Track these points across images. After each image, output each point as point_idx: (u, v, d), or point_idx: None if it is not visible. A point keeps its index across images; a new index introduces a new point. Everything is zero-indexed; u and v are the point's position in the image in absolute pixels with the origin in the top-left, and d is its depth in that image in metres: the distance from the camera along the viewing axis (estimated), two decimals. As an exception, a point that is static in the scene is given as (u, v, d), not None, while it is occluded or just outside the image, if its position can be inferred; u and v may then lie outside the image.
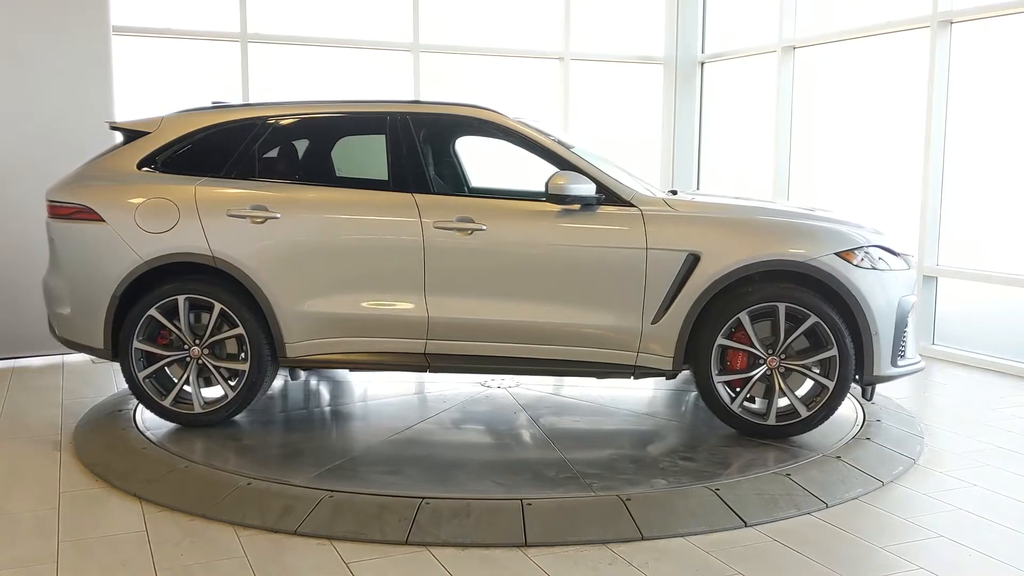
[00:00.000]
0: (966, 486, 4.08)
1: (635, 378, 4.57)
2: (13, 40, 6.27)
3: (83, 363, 6.49)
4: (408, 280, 4.56)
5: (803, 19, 8.08)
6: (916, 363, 4.69)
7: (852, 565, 3.31)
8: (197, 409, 4.71)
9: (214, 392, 4.78)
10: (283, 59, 7.98)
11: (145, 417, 4.89)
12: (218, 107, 5.00)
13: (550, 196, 4.43)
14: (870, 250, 4.46)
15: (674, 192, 5.18)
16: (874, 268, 4.42)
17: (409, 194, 4.61)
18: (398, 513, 3.60)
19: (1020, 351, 6.32)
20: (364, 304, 4.60)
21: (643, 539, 3.49)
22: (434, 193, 4.68)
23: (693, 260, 4.40)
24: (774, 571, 3.26)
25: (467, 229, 4.52)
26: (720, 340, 4.42)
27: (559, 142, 4.79)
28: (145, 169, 4.83)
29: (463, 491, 3.83)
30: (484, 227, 4.51)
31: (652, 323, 4.46)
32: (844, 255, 4.39)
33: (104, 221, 4.70)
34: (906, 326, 4.53)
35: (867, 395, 4.62)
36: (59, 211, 4.84)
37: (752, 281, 4.42)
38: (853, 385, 4.49)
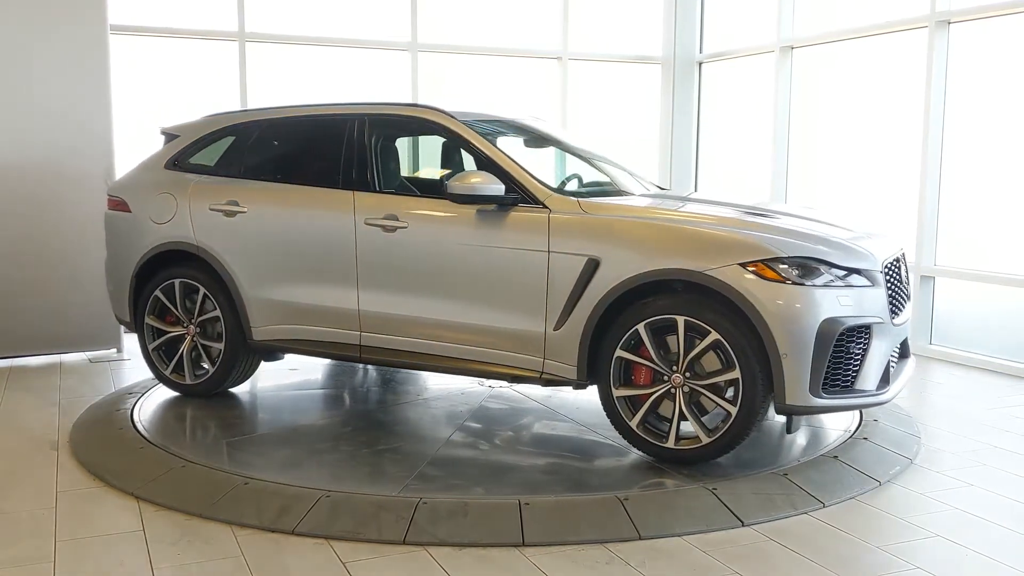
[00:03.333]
0: (963, 486, 4.09)
1: (543, 385, 4.42)
2: (10, 39, 6.26)
3: (81, 363, 6.49)
4: (344, 274, 4.80)
5: (801, 19, 8.08)
6: (867, 396, 4.09)
7: (849, 564, 3.31)
8: (188, 380, 5.29)
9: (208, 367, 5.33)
10: (281, 59, 7.98)
11: (143, 416, 4.90)
12: (224, 113, 5.56)
13: (449, 196, 4.43)
14: (788, 261, 3.92)
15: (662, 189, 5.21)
16: (788, 281, 3.88)
17: (351, 192, 4.83)
18: (395, 513, 3.60)
19: (1018, 351, 6.33)
20: (310, 294, 4.90)
21: (640, 539, 3.49)
22: (375, 191, 4.83)
23: (594, 266, 4.16)
24: (771, 570, 3.26)
25: (391, 227, 4.65)
26: (619, 352, 4.12)
27: (546, 137, 4.85)
28: (170, 169, 5.47)
29: (306, 480, 3.97)
30: (406, 225, 4.62)
31: (555, 329, 4.27)
32: (750, 266, 3.91)
33: (131, 212, 5.44)
34: (846, 352, 3.98)
35: (788, 427, 4.24)
36: (110, 203, 5.63)
37: (657, 291, 4.10)
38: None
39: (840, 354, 3.97)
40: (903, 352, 4.65)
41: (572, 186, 5.11)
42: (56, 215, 6.44)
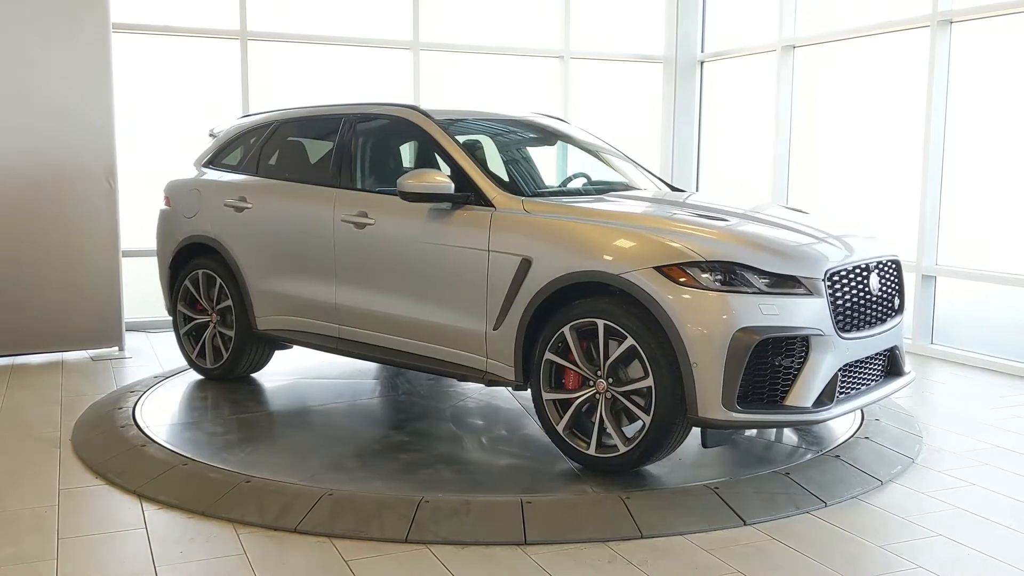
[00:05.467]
0: (965, 485, 4.09)
1: (487, 385, 4.41)
2: (13, 37, 6.25)
3: (83, 361, 6.49)
4: (325, 268, 4.97)
5: (803, 18, 8.08)
6: (797, 413, 3.75)
7: (850, 564, 3.31)
8: (208, 365, 5.65)
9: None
10: (283, 57, 7.98)
11: (145, 414, 4.91)
12: (253, 114, 5.96)
13: (400, 194, 4.44)
14: (705, 265, 3.71)
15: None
16: (703, 287, 3.68)
17: (334, 189, 5.00)
18: (398, 511, 3.60)
19: (1019, 351, 6.33)
20: (301, 287, 5.10)
21: (642, 537, 3.49)
22: (354, 189, 4.99)
23: (527, 266, 4.10)
24: (773, 569, 3.26)
25: (361, 224, 4.77)
26: (548, 355, 4.02)
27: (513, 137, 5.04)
28: (205, 167, 5.90)
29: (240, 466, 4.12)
30: (373, 222, 4.73)
31: (494, 329, 4.23)
32: (665, 270, 3.73)
33: (171, 207, 5.87)
34: (771, 364, 3.72)
35: (704, 441, 3.88)
36: (164, 199, 5.99)
37: (595, 292, 3.96)
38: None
39: (763, 366, 3.71)
40: (893, 369, 4.35)
41: (576, 184, 5.16)
42: (58, 213, 6.44)
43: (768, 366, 3.73)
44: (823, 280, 3.85)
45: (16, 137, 6.31)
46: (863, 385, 4.13)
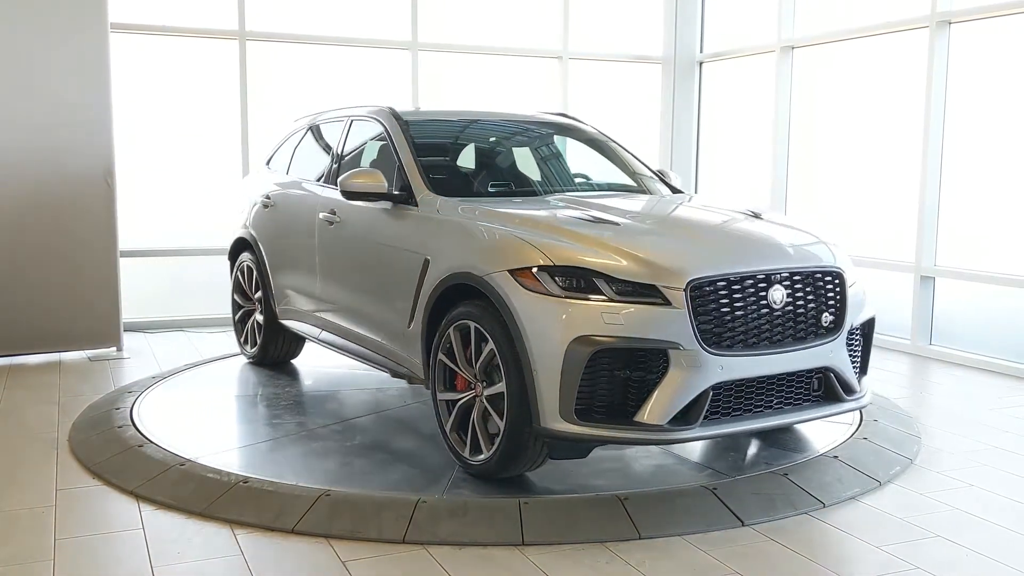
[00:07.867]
0: (963, 486, 4.08)
1: (410, 383, 4.46)
2: (11, 38, 6.25)
3: (80, 361, 6.48)
4: (312, 263, 5.26)
5: (802, 19, 8.08)
6: (645, 431, 3.49)
7: (849, 564, 3.31)
8: (248, 350, 6.14)
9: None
10: (282, 57, 7.98)
11: (142, 415, 4.90)
12: (302, 117, 6.24)
13: (341, 191, 4.60)
14: (553, 270, 3.60)
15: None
16: (547, 292, 3.57)
17: (323, 188, 5.30)
18: (395, 511, 3.59)
19: (1018, 351, 6.33)
20: (297, 281, 5.44)
21: (640, 538, 3.49)
22: (335, 188, 5.08)
23: (427, 265, 4.15)
24: (771, 570, 3.26)
25: (332, 220, 5.03)
26: (440, 355, 4.01)
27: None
28: (264, 167, 6.34)
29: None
30: (340, 219, 4.98)
31: (408, 327, 4.29)
32: (518, 274, 3.65)
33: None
34: (614, 376, 3.50)
35: (548, 452, 3.75)
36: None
37: (475, 295, 3.90)
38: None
39: (607, 378, 3.51)
40: (828, 393, 3.90)
41: (578, 182, 5.22)
42: (57, 213, 6.43)
43: (615, 378, 3.52)
44: (684, 291, 3.55)
45: (14, 137, 6.30)
46: (764, 407, 3.74)
